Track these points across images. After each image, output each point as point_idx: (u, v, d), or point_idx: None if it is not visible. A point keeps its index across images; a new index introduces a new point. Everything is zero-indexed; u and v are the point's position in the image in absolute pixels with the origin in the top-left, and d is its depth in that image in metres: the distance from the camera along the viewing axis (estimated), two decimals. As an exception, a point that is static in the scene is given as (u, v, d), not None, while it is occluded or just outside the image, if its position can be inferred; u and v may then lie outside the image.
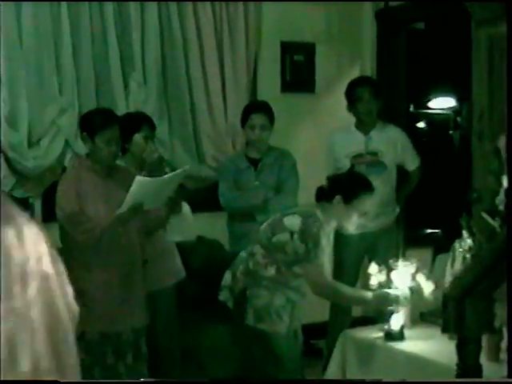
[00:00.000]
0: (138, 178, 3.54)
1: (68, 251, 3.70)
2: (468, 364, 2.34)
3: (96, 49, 4.91)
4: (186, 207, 4.23)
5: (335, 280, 4.55)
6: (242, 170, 4.60)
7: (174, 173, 3.75)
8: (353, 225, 3.69)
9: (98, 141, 3.66)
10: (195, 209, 4.43)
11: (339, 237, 4.52)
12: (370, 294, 3.54)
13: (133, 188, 3.50)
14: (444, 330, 2.29)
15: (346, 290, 3.62)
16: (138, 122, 4.18)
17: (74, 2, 4.80)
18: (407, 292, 3.52)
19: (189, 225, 4.28)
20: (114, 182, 3.75)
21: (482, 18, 4.01)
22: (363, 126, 4.92)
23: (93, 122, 3.69)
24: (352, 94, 4.93)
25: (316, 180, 4.22)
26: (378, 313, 3.90)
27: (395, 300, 3.51)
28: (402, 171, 5.08)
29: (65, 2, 4.74)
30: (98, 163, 3.72)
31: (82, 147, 4.11)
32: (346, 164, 4.84)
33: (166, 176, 3.67)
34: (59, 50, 4.76)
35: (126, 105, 4.96)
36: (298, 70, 5.75)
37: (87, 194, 3.65)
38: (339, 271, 4.82)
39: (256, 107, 4.66)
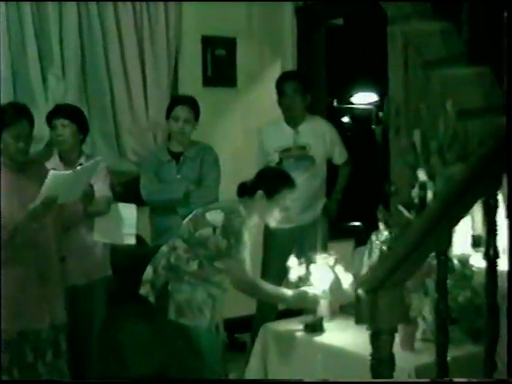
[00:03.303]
0: (53, 172, 3.50)
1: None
2: (381, 354, 2.38)
3: (13, 43, 4.83)
4: (125, 208, 4.20)
5: (264, 274, 4.61)
6: (163, 163, 4.59)
7: (86, 164, 3.71)
8: (274, 220, 3.71)
9: (5, 136, 3.59)
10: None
11: (268, 231, 4.54)
12: (289, 293, 3.56)
13: (47, 182, 3.45)
14: (357, 322, 2.32)
15: (266, 287, 3.63)
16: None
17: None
18: (327, 287, 3.56)
19: (120, 228, 4.25)
20: (27, 176, 3.68)
21: (396, 15, 4.08)
22: (292, 120, 4.96)
23: (1, 117, 3.61)
24: (278, 88, 4.98)
25: (237, 174, 4.24)
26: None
27: (314, 299, 3.55)
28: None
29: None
30: (8, 158, 3.66)
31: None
32: (275, 158, 4.88)
33: (78, 168, 3.62)
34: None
35: (44, 99, 4.89)
36: (220, 64, 5.76)
37: None
38: (267, 265, 4.86)
39: (182, 100, 4.66)
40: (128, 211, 4.24)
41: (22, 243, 3.56)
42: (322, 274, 3.57)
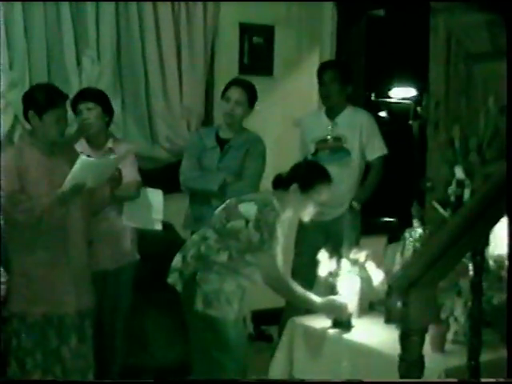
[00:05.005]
0: (82, 158, 3.48)
1: (10, 231, 3.62)
2: (410, 355, 2.30)
3: (49, 24, 4.81)
4: (153, 193, 4.17)
5: (294, 268, 4.54)
6: (208, 149, 4.47)
7: (119, 155, 3.72)
8: (308, 215, 3.61)
9: (47, 119, 3.57)
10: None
11: (299, 225, 4.46)
12: (318, 300, 3.50)
13: (76, 167, 3.44)
14: (387, 321, 2.26)
15: (297, 289, 3.53)
16: None
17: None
18: (355, 297, 3.49)
19: (149, 212, 4.20)
20: (57, 158, 3.67)
21: (440, 6, 3.98)
22: (331, 110, 4.86)
23: (41, 100, 3.58)
24: (318, 77, 4.90)
25: (274, 164, 4.18)
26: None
27: (342, 309, 3.47)
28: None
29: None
30: (42, 141, 3.63)
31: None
32: (312, 149, 4.80)
33: (112, 157, 3.65)
34: (10, 24, 4.64)
35: (78, 81, 4.86)
36: (257, 52, 5.69)
37: (29, 172, 3.56)
38: (297, 259, 4.78)
39: (237, 82, 4.54)
40: (155, 196, 4.19)
41: (49, 226, 3.54)
42: (350, 282, 3.49)
